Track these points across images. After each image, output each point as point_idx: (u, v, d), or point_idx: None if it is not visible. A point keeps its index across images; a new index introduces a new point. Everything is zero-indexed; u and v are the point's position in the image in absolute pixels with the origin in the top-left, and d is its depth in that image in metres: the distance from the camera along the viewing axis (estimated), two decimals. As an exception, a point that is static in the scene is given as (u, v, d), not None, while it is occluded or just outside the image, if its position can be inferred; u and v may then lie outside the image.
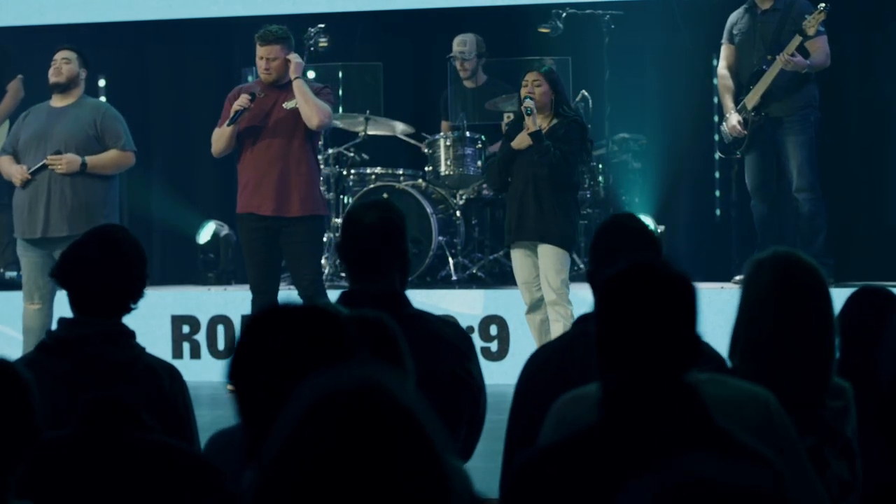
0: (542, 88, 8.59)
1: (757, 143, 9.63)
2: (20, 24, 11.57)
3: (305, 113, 8.47)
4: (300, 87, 8.50)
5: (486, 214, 10.66)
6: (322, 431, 1.65)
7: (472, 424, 4.40)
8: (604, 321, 2.82)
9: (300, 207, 8.52)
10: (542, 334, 8.67)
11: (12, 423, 2.73)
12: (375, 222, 4.46)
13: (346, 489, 1.63)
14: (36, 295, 8.62)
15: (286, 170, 8.54)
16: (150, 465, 3.15)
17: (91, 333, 4.01)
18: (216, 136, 8.68)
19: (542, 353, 4.33)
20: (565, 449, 2.83)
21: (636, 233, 4.19)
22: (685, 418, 2.75)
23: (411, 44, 12.04)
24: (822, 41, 9.42)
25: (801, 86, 9.49)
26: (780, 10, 9.53)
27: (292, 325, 2.62)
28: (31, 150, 8.71)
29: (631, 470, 1.71)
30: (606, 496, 2.18)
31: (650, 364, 2.77)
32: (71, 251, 4.14)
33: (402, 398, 1.68)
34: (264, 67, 8.61)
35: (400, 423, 1.66)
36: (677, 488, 1.61)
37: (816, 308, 3.57)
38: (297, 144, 8.59)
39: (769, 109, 9.54)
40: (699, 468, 1.64)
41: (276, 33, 8.62)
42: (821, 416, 3.56)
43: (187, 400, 4.10)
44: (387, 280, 4.43)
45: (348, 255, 4.48)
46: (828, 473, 3.52)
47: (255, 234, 8.59)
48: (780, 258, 3.61)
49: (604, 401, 2.81)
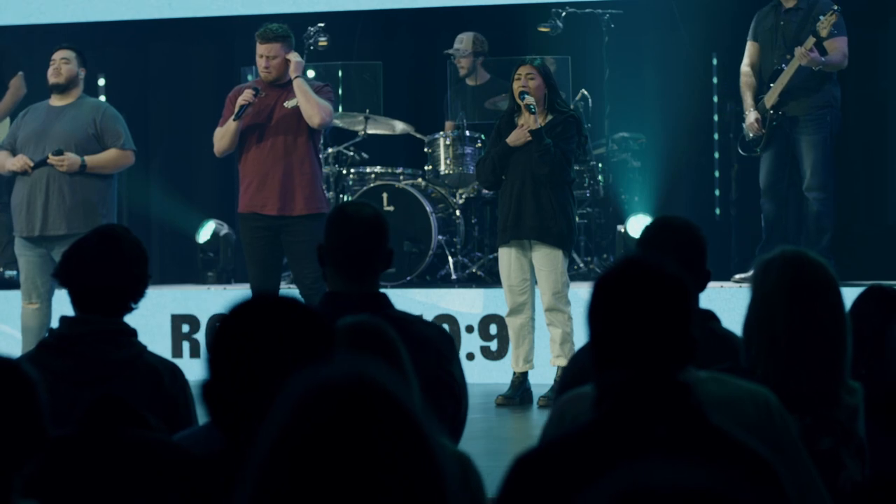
0: (536, 82, 8.52)
1: (774, 142, 9.61)
2: (20, 23, 11.57)
3: (307, 111, 8.48)
4: (301, 85, 8.50)
5: (485, 213, 10.66)
6: (313, 425, 1.65)
7: (453, 427, 4.38)
8: (598, 319, 2.83)
9: (304, 206, 8.52)
10: (520, 339, 8.64)
11: (18, 423, 2.73)
12: (370, 220, 4.45)
13: (338, 482, 1.63)
14: (34, 294, 8.62)
15: (290, 168, 8.54)
16: (154, 464, 3.15)
17: (92, 332, 4.02)
18: (219, 134, 8.68)
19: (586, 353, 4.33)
20: (560, 446, 2.84)
21: (682, 233, 4.23)
22: (678, 417, 2.76)
23: (411, 43, 12.05)
24: (840, 42, 9.42)
25: (820, 85, 9.47)
26: (802, 9, 9.52)
27: (266, 321, 2.63)
28: (30, 149, 8.71)
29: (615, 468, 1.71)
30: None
31: (644, 362, 2.78)
32: (72, 251, 4.15)
33: (391, 390, 1.69)
34: (264, 66, 8.61)
35: (390, 416, 1.66)
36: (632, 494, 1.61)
37: (828, 305, 3.57)
38: (300, 143, 8.59)
39: (787, 108, 9.53)
40: (656, 473, 1.64)
41: (276, 31, 8.62)
42: (837, 417, 3.56)
43: (188, 399, 4.10)
44: (372, 281, 4.43)
45: (339, 254, 4.42)
46: (843, 475, 3.51)
47: (257, 233, 8.60)
48: (789, 257, 3.61)
49: (598, 399, 2.82)
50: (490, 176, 8.72)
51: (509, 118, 8.66)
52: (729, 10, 10.64)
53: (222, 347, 2.69)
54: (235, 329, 2.68)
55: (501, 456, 5.74)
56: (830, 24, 9.26)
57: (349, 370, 1.70)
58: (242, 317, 2.69)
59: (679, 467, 1.65)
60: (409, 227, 10.34)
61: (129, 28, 11.84)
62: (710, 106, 11.22)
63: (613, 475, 1.65)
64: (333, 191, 10.66)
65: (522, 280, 8.58)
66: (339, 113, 11.02)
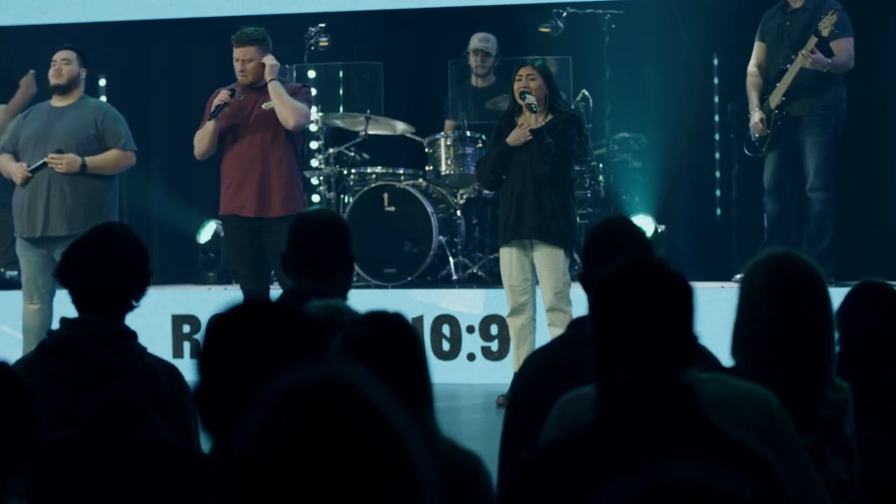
0: (537, 83, 8.51)
1: (778, 142, 9.61)
2: (20, 23, 11.57)
3: (282, 114, 8.52)
4: (275, 88, 8.55)
5: (486, 213, 10.66)
6: (288, 426, 1.65)
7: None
8: (600, 320, 2.83)
9: (281, 207, 8.56)
10: (521, 339, 8.63)
11: (8, 426, 2.73)
12: (327, 222, 4.65)
13: (313, 484, 1.63)
14: (35, 295, 8.62)
15: (267, 170, 8.60)
16: (159, 465, 3.15)
17: (91, 334, 4.02)
18: (197, 137, 8.75)
19: (537, 356, 4.34)
20: (562, 448, 2.84)
21: (627, 235, 4.19)
22: (679, 417, 2.76)
23: (412, 43, 12.05)
24: (846, 42, 9.42)
25: (825, 86, 9.46)
26: (809, 9, 9.51)
27: (255, 325, 2.63)
28: (31, 150, 8.71)
29: (624, 468, 1.72)
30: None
31: (646, 363, 2.78)
32: (71, 250, 4.14)
33: (368, 393, 1.69)
34: (240, 69, 8.65)
35: (363, 418, 1.66)
36: (650, 492, 1.61)
37: (811, 304, 3.59)
38: (278, 145, 8.64)
39: (791, 108, 9.53)
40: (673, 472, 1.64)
41: (251, 35, 8.64)
42: (820, 414, 3.57)
43: (187, 400, 4.10)
44: (332, 280, 4.54)
45: (298, 253, 4.58)
46: (826, 472, 3.52)
47: (238, 233, 8.70)
48: (774, 258, 3.63)
49: (599, 400, 2.82)
50: (490, 176, 8.71)
51: (510, 119, 8.65)
52: (730, 11, 10.63)
53: (211, 351, 2.69)
54: (225, 333, 2.68)
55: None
56: (831, 23, 9.26)
57: (323, 371, 1.70)
58: (232, 321, 2.69)
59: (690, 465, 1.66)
60: (410, 228, 10.34)
61: (130, 28, 11.84)
62: (711, 106, 11.22)
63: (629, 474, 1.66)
64: (334, 191, 10.67)
65: (523, 280, 8.57)
66: (339, 113, 11.03)
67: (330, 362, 1.76)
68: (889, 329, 4.08)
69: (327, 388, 1.67)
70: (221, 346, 2.66)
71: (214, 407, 2.68)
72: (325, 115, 10.85)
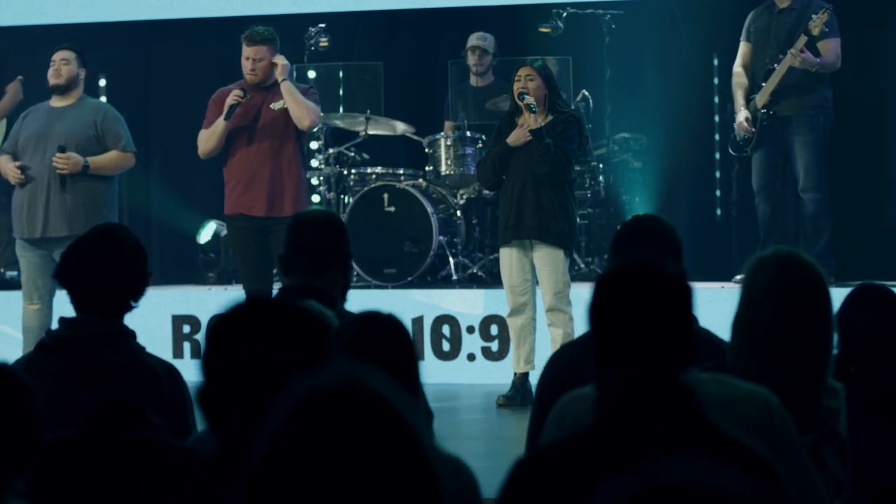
0: (536, 83, 8.51)
1: (765, 141, 9.61)
2: (20, 23, 11.57)
3: (296, 114, 8.51)
4: (289, 88, 8.54)
5: (486, 214, 10.66)
6: (307, 431, 1.65)
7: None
8: (599, 320, 2.83)
9: (292, 207, 8.55)
10: (521, 339, 8.64)
11: (9, 427, 2.73)
12: (324, 220, 4.74)
13: (331, 488, 1.63)
14: (35, 295, 8.62)
15: (277, 170, 8.59)
16: (159, 465, 3.15)
17: (91, 334, 4.02)
18: (205, 136, 8.71)
19: (562, 353, 4.35)
20: (561, 448, 2.84)
21: (652, 233, 4.21)
22: (679, 417, 2.76)
23: (412, 43, 12.05)
24: (834, 42, 9.42)
25: (812, 86, 9.46)
26: (796, 9, 9.51)
27: (259, 324, 2.63)
28: (30, 150, 8.70)
29: (624, 469, 1.72)
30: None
31: (646, 363, 2.78)
32: (71, 251, 4.15)
33: (384, 395, 1.68)
34: (250, 68, 8.64)
35: (383, 420, 1.66)
36: (650, 493, 1.61)
37: (813, 306, 3.58)
38: (288, 145, 8.64)
39: (778, 108, 9.53)
40: (673, 472, 1.64)
41: (262, 34, 8.64)
42: (819, 414, 3.57)
43: (186, 400, 4.10)
44: (329, 277, 4.58)
45: (295, 252, 4.64)
46: (825, 472, 3.53)
47: (244, 234, 8.67)
48: (780, 256, 3.62)
49: (599, 400, 2.82)
50: (490, 176, 8.72)
51: (510, 119, 8.66)
52: (729, 11, 10.62)
53: (215, 351, 2.68)
54: (228, 333, 2.67)
55: (502, 456, 5.74)
56: (822, 22, 9.26)
57: (342, 375, 1.70)
58: (235, 320, 2.68)
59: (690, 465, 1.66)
60: (410, 228, 10.34)
61: (131, 28, 11.84)
62: (711, 106, 11.22)
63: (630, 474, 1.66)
64: (334, 191, 10.67)
65: (523, 280, 8.58)
66: (339, 113, 11.03)
67: (345, 365, 1.76)
68: (888, 330, 4.08)
69: (343, 392, 1.67)
70: (223, 346, 2.65)
71: (217, 407, 2.68)
72: (325, 116, 10.84)
